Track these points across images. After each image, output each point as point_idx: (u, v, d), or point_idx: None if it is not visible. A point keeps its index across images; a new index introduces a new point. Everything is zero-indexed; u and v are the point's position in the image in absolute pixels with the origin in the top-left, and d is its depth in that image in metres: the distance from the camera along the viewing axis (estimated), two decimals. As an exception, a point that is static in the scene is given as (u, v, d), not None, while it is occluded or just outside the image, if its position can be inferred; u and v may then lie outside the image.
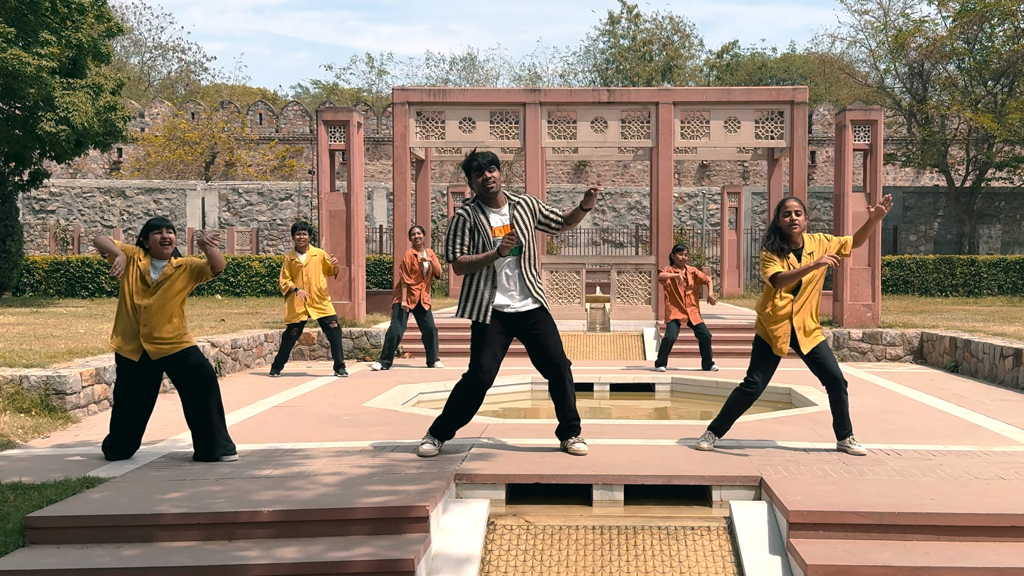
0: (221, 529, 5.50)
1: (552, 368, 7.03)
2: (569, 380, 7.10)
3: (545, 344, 6.99)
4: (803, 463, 6.82)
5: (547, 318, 7.02)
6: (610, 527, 5.94)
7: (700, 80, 59.98)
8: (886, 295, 29.88)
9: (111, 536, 5.47)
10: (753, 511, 5.98)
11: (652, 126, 17.66)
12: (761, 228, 36.11)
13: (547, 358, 7.00)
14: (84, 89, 22.00)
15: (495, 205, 6.98)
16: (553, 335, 7.04)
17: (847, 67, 43.92)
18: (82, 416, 9.15)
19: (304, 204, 38.97)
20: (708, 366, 13.19)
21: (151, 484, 6.25)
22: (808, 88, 19.94)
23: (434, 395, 11.45)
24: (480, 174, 6.90)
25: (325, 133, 16.67)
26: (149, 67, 62.60)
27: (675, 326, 13.22)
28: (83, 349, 11.11)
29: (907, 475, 6.48)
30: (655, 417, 11.18)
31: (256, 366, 13.99)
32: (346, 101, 55.10)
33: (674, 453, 7.14)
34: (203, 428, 7.04)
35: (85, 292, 29.55)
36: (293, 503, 5.67)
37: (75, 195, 38.98)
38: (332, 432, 8.30)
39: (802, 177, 17.60)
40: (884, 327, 15.81)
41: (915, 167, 39.00)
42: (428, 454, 7.07)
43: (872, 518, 5.54)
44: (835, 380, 7.14)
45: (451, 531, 5.84)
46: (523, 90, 18.17)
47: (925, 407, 9.94)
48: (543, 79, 65.41)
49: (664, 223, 17.85)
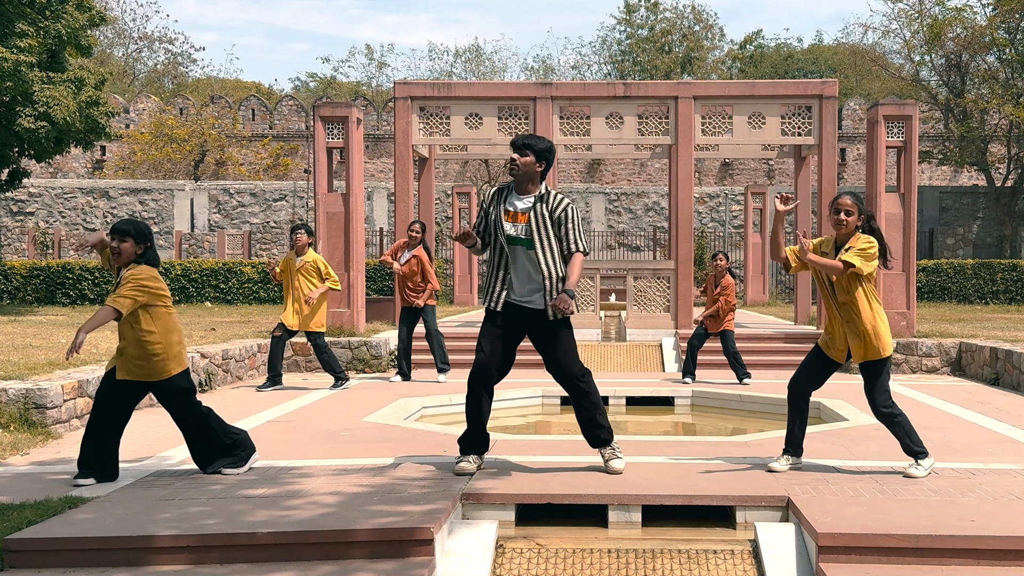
0: (213, 553, 5.51)
1: (563, 376, 7.09)
2: (587, 390, 7.13)
3: (552, 349, 7.06)
4: (833, 482, 6.81)
5: (556, 322, 7.04)
6: (627, 550, 5.94)
7: (722, 73, 60.02)
8: (921, 302, 29.83)
9: (96, 560, 5.49)
10: (780, 533, 5.98)
11: (671, 122, 17.67)
12: (788, 231, 36.08)
13: (554, 364, 7.07)
14: (65, 83, 22.08)
15: (524, 192, 7.16)
16: (563, 340, 7.06)
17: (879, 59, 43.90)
18: (64, 432, 9.17)
19: (299, 205, 39.05)
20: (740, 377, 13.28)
21: (138, 504, 6.27)
22: (838, 81, 19.94)
23: (438, 409, 11.46)
24: (512, 154, 7.18)
25: (322, 130, 16.71)
26: (134, 59, 62.81)
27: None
28: (64, 360, 11.14)
29: (945, 495, 6.47)
30: (674, 432, 11.18)
31: (248, 378, 14.02)
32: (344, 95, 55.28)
33: (695, 471, 7.14)
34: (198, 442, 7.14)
35: (66, 299, 29.64)
36: (289, 524, 5.69)
37: (55, 196, 39.13)
38: (330, 449, 8.32)
39: (832, 176, 17.59)
40: (920, 336, 15.79)
41: (952, 165, 38.92)
42: (464, 471, 7.08)
43: (907, 541, 5.53)
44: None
45: (457, 555, 5.85)
46: (533, 83, 18.20)
47: (964, 422, 9.92)
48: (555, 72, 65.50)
49: (684, 225, 17.85)
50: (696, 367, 13.40)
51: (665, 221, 37.73)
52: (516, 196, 7.15)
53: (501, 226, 7.06)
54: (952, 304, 30.45)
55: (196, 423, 7.11)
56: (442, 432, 9.27)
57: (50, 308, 27.24)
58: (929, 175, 43.38)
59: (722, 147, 23.45)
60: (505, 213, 7.08)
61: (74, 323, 19.08)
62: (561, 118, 17.77)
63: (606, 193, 39.78)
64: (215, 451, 7.17)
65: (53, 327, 17.68)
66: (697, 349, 13.36)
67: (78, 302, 29.55)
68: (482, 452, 7.29)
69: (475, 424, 7.20)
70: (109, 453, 7.01)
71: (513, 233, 7.03)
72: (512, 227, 7.04)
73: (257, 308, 27.55)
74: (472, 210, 28.75)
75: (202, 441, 7.15)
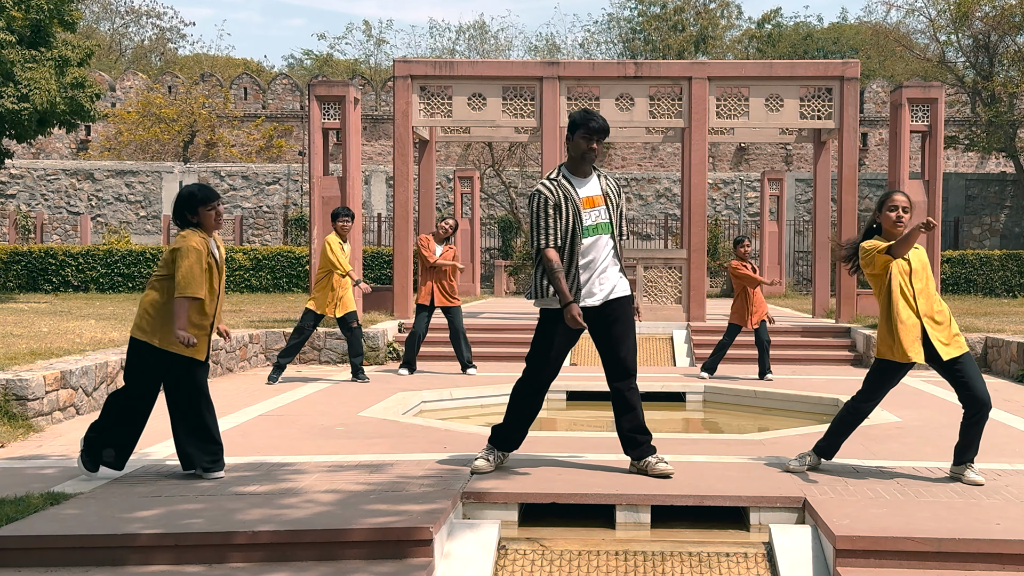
0: (202, 552, 5.52)
1: (624, 373, 7.23)
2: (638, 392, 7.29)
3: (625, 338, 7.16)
4: (852, 483, 6.81)
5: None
6: (635, 552, 5.94)
7: (738, 53, 59.89)
8: (945, 295, 29.80)
9: (79, 559, 5.50)
10: (795, 536, 5.99)
11: (684, 104, 17.64)
12: (806, 219, 36.07)
13: (620, 358, 7.19)
14: (48, 62, 22.04)
15: (583, 175, 6.98)
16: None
17: (903, 39, 43.77)
18: (45, 425, 9.19)
19: (294, 189, 39.06)
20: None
21: (123, 501, 6.28)
22: (860, 62, 19.90)
23: (438, 404, 11.48)
24: (590, 140, 6.84)
25: (318, 110, 16.71)
26: (120, 35, 62.77)
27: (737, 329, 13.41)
28: (47, 350, 11.15)
29: (969, 497, 6.48)
30: (686, 430, 11.18)
31: (240, 370, 14.04)
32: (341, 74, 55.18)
33: (707, 470, 7.14)
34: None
35: (48, 286, 29.65)
36: (282, 524, 5.70)
37: (38, 178, 39.14)
38: (325, 444, 8.33)
39: (852, 162, 17.56)
40: (944, 331, 15.74)
41: (979, 151, 38.83)
42: (480, 470, 7.02)
43: (930, 545, 5.53)
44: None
45: (458, 556, 5.86)
46: (540, 62, 18.18)
47: (989, 421, 9.90)
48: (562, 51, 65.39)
49: (697, 213, 17.83)
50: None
51: (677, 208, 37.69)
52: (575, 180, 6.95)
53: (581, 216, 6.85)
54: (978, 297, 30.43)
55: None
56: (442, 428, 9.28)
57: (32, 295, 27.27)
58: (955, 161, 43.30)
59: (738, 131, 23.43)
60: (581, 200, 6.88)
61: (57, 311, 19.09)
62: (569, 99, 17.74)
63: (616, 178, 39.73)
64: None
65: (35, 315, 17.70)
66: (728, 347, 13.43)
67: (61, 288, 29.57)
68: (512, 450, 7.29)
69: (526, 420, 7.21)
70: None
71: (593, 222, 6.91)
72: (592, 214, 6.91)
73: (248, 297, 27.56)
74: (475, 196, 28.71)
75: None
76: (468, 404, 11.73)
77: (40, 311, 19.14)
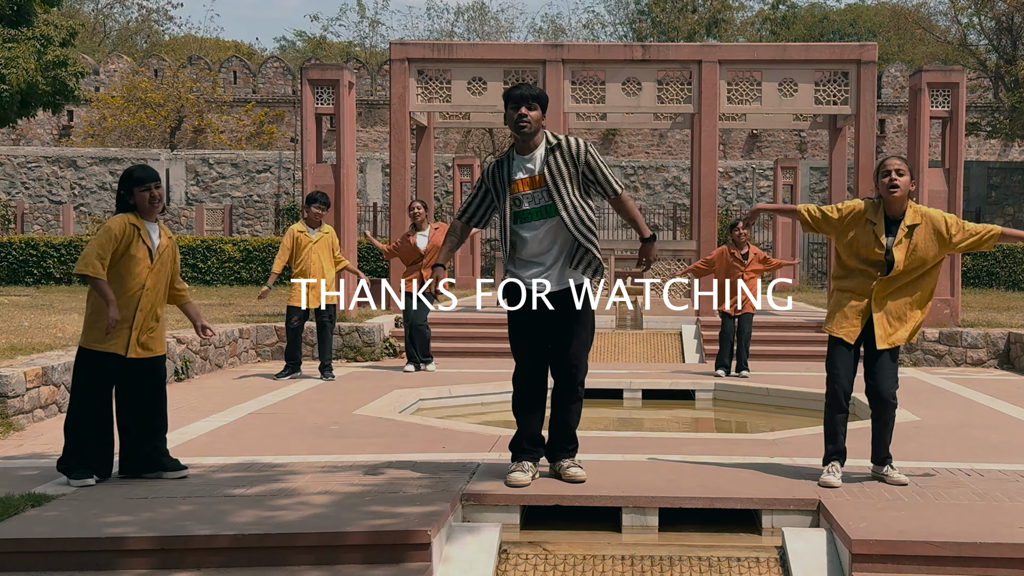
0: (191, 556, 5.53)
1: (568, 373, 6.84)
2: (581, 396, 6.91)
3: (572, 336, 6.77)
4: (868, 485, 6.81)
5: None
6: (642, 557, 5.95)
7: (751, 35, 59.84)
8: (967, 289, 29.77)
9: (62, 563, 5.50)
10: (810, 540, 5.99)
11: (694, 88, 17.62)
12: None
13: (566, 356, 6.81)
14: (30, 41, 22.04)
15: (526, 151, 6.61)
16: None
17: (923, 20, 43.78)
18: (26, 423, 9.20)
19: (285, 177, 39.07)
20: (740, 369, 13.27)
21: (108, 502, 6.29)
22: (877, 45, 19.88)
23: (436, 402, 11.48)
24: (516, 108, 6.53)
25: (311, 94, 16.69)
26: (104, 16, 62.78)
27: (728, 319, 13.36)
28: (28, 345, 11.16)
29: (990, 499, 6.48)
30: (695, 429, 11.19)
31: (229, 366, 14.05)
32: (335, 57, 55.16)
33: (717, 472, 7.14)
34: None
35: (30, 279, 29.66)
36: (275, 526, 5.71)
37: (18, 165, 39.16)
38: (318, 444, 8.34)
39: (869, 149, 17.55)
40: (965, 326, 15.78)
41: (1002, 139, 38.86)
42: (518, 483, 6.63)
43: (949, 549, 5.54)
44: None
45: (457, 561, 5.86)
46: (542, 45, 18.18)
47: (1012, 420, 9.92)
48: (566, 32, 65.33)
49: (707, 202, 17.83)
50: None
51: (686, 198, 37.69)
52: (516, 160, 6.63)
53: (510, 202, 6.61)
54: (1000, 291, 30.41)
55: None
56: (440, 427, 9.29)
57: (13, 288, 27.28)
58: (977, 149, 43.29)
59: (750, 117, 23.41)
60: (511, 184, 6.59)
61: (39, 305, 19.09)
62: (573, 83, 17.72)
63: (622, 166, 39.77)
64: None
65: (15, 308, 17.71)
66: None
67: (43, 281, 29.57)
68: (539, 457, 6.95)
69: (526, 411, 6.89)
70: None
71: (529, 206, 6.59)
72: (526, 197, 6.59)
73: (238, 290, 27.57)
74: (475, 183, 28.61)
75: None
76: (469, 402, 11.73)
77: (21, 304, 19.15)
